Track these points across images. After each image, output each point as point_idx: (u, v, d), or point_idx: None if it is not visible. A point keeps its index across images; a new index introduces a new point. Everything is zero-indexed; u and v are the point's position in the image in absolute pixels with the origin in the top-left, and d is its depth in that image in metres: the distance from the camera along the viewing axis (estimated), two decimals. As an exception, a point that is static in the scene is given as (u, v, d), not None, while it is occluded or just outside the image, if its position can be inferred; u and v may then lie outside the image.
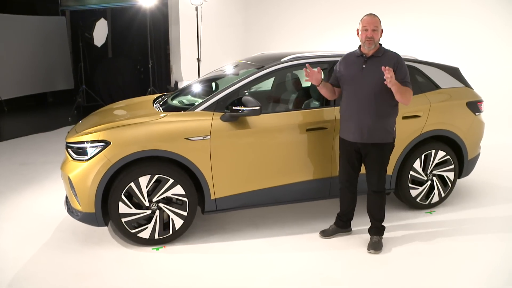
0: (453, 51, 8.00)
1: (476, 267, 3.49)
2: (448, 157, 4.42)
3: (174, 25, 9.95)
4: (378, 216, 3.76)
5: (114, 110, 4.59)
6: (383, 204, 3.74)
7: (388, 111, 3.56)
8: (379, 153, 3.59)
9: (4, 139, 7.74)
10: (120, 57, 11.19)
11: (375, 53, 3.54)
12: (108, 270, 3.46)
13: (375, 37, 3.48)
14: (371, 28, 3.46)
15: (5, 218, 4.41)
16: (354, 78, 3.56)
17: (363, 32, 3.50)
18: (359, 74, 3.54)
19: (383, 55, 3.54)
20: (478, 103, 4.63)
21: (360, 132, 3.55)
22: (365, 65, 3.54)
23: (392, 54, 3.57)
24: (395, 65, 3.46)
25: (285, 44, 10.43)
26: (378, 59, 3.52)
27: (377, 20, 3.51)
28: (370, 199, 3.75)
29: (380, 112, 3.51)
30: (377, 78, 3.42)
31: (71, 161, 3.73)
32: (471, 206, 4.63)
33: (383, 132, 3.55)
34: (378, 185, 3.67)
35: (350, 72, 3.60)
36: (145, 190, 3.66)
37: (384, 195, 3.74)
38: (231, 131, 3.76)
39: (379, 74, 3.39)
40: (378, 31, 3.48)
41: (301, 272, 3.41)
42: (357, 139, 3.58)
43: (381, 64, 3.42)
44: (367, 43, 3.49)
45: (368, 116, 3.51)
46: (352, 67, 3.60)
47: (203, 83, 4.75)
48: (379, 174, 3.64)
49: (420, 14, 8.49)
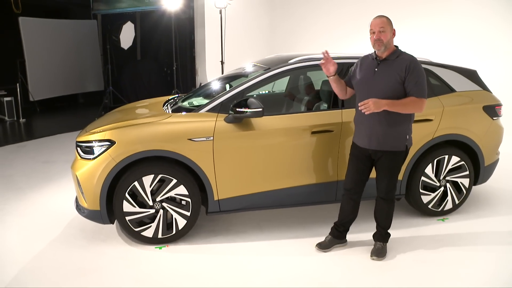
0: (473, 54, 7.74)
1: (481, 279, 3.34)
2: (462, 162, 4.27)
3: (200, 28, 10.08)
4: (383, 223, 3.65)
5: (127, 110, 4.69)
6: (391, 212, 3.62)
7: (400, 118, 3.37)
8: (390, 161, 3.46)
9: (32, 138, 8.05)
10: (148, 59, 11.45)
11: (389, 56, 3.38)
12: (109, 267, 3.53)
13: (383, 38, 3.31)
14: (377, 29, 3.33)
15: (21, 214, 4.57)
16: (366, 81, 3.43)
17: (371, 35, 3.38)
18: (371, 78, 3.41)
19: (397, 58, 3.36)
20: (496, 107, 4.45)
21: (370, 138, 3.43)
22: (377, 69, 3.40)
23: (406, 57, 3.37)
24: (406, 69, 3.28)
25: (311, 46, 10.36)
26: (390, 62, 3.37)
27: (384, 21, 3.35)
28: (378, 205, 3.63)
29: (391, 119, 3.36)
30: (388, 82, 3.32)
31: (79, 160, 3.83)
32: (487, 214, 4.45)
33: (394, 140, 3.41)
34: (386, 192, 3.54)
35: (362, 75, 3.47)
36: (149, 189, 3.71)
37: (392, 204, 3.60)
38: (234, 132, 3.76)
39: (390, 78, 3.30)
40: (386, 31, 3.32)
41: (300, 276, 3.37)
42: (366, 145, 3.47)
43: (393, 68, 3.32)
44: (376, 45, 3.36)
45: (378, 123, 3.38)
46: (366, 70, 3.48)
47: (214, 85, 4.78)
48: (388, 182, 3.50)
49: (435, 17, 8.26)
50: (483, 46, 7.75)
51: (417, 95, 3.29)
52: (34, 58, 10.33)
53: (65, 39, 11.13)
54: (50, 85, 10.86)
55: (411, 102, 3.30)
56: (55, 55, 10.89)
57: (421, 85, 3.31)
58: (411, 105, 3.30)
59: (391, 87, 3.31)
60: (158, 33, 10.82)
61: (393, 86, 3.31)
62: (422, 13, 8.36)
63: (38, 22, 10.48)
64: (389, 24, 3.36)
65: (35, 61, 10.36)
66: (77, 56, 11.43)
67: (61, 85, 11.22)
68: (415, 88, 3.29)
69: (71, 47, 11.23)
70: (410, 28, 8.38)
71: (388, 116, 3.34)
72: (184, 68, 10.70)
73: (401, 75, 3.30)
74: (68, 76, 11.30)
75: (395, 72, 3.32)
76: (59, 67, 11.03)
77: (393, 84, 3.31)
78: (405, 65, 3.31)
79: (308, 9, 10.56)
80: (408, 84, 3.30)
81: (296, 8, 10.69)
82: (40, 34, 10.48)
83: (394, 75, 3.31)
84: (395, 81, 3.31)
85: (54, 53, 10.85)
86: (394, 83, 3.31)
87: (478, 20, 7.75)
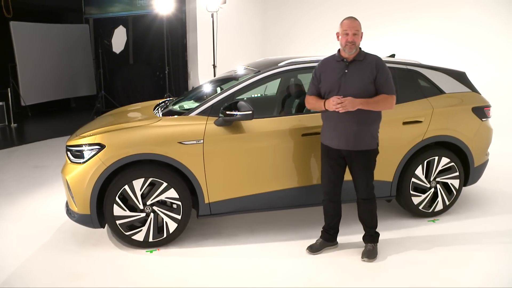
0: (462, 56, 7.80)
1: (472, 280, 3.36)
2: (452, 164, 4.30)
3: (192, 31, 10.09)
4: (371, 224, 3.67)
5: (118, 113, 4.69)
6: (374, 211, 3.65)
7: (373, 117, 3.46)
8: (365, 160, 3.50)
9: (24, 143, 8.01)
10: (140, 63, 11.44)
11: (356, 57, 3.43)
12: (100, 271, 3.52)
13: (356, 41, 3.38)
14: (352, 32, 3.36)
15: (11, 218, 4.55)
16: (337, 83, 3.42)
17: (344, 36, 3.39)
18: (342, 79, 3.42)
19: (364, 58, 3.44)
20: (485, 108, 4.49)
21: (346, 139, 3.44)
22: (347, 70, 3.42)
23: (372, 57, 3.47)
24: (376, 68, 3.38)
25: (303, 49, 10.39)
26: (360, 63, 3.43)
27: (358, 24, 3.40)
28: (361, 207, 3.65)
29: (365, 118, 3.41)
30: (361, 82, 3.38)
31: (69, 164, 3.83)
32: (477, 215, 4.48)
33: (369, 139, 3.47)
34: (366, 192, 3.57)
35: (331, 78, 3.46)
36: (139, 193, 3.71)
37: (374, 202, 3.63)
38: (224, 135, 3.77)
39: (362, 78, 3.37)
40: (358, 35, 3.38)
41: (291, 279, 3.38)
42: (342, 146, 3.47)
43: (363, 68, 3.39)
44: (347, 47, 3.39)
45: (353, 123, 3.40)
46: (333, 72, 3.47)
47: (205, 88, 4.78)
48: (367, 181, 3.54)
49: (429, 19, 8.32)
50: (472, 48, 7.81)
51: (387, 92, 3.40)
52: (26, 63, 10.29)
53: (57, 44, 11.10)
54: (41, 89, 10.82)
55: (383, 99, 3.39)
56: (47, 59, 10.86)
57: (390, 82, 3.43)
58: (383, 102, 3.39)
59: (364, 86, 3.38)
60: (150, 37, 10.82)
61: (366, 86, 3.38)
62: (412, 15, 8.42)
63: (30, 27, 10.45)
64: (361, 27, 3.44)
65: (27, 66, 10.32)
66: (69, 61, 11.40)
67: (53, 89, 11.18)
68: (385, 85, 3.40)
69: (63, 52, 11.20)
70: (400, 30, 8.45)
71: (362, 115, 3.39)
72: (176, 72, 10.71)
73: (372, 74, 3.38)
74: (60, 81, 11.26)
75: (366, 71, 3.39)
76: (51, 72, 10.99)
77: (366, 84, 3.38)
78: (374, 64, 3.41)
79: (300, 13, 10.61)
80: (379, 82, 3.39)
81: (288, 12, 10.73)
82: (32, 39, 10.44)
83: (366, 75, 3.39)
84: (367, 80, 3.38)
85: (45, 58, 10.82)
86: (367, 82, 3.38)
87: (469, 22, 7.82)
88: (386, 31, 8.51)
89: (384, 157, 4.10)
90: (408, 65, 4.36)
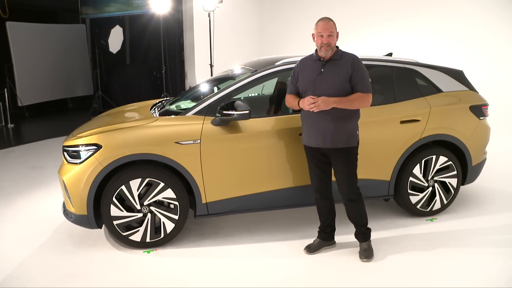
0: (459, 54, 7.81)
1: (471, 278, 3.36)
2: (450, 163, 4.29)
3: (188, 31, 10.08)
4: (360, 222, 3.64)
5: (114, 114, 4.68)
6: (363, 209, 3.61)
7: (349, 114, 3.44)
8: (345, 159, 3.48)
9: (21, 143, 7.99)
10: (137, 63, 11.41)
11: (333, 56, 3.45)
12: (98, 271, 3.51)
13: (331, 42, 3.39)
14: (326, 34, 3.37)
15: (8, 219, 4.53)
16: (313, 82, 3.44)
17: (319, 38, 3.41)
18: (318, 78, 3.44)
19: (340, 57, 3.45)
20: (483, 107, 4.49)
21: (323, 137, 3.44)
22: (323, 69, 3.44)
23: (349, 56, 3.47)
24: (352, 66, 3.39)
25: (299, 49, 10.38)
26: (336, 62, 3.44)
27: (332, 25, 3.42)
28: (348, 208, 3.62)
29: (341, 116, 3.40)
30: (336, 81, 3.39)
31: (66, 165, 3.81)
32: (475, 214, 4.48)
33: (347, 136, 3.44)
34: (351, 193, 3.54)
35: (308, 77, 3.49)
36: (136, 193, 3.69)
37: (361, 200, 3.59)
38: (221, 135, 3.75)
39: (338, 76, 3.38)
40: (333, 36, 3.39)
41: (289, 278, 3.37)
42: (320, 145, 3.47)
43: (339, 67, 3.40)
44: (323, 49, 3.40)
45: (329, 121, 3.40)
46: (310, 71, 3.50)
47: (202, 88, 4.77)
48: (349, 181, 3.51)
49: (426, 17, 8.33)
50: (470, 46, 7.83)
51: (363, 90, 3.40)
52: (22, 63, 10.25)
53: (54, 44, 11.06)
54: (38, 90, 10.79)
55: (359, 98, 3.39)
56: (44, 59, 10.82)
57: (366, 81, 3.43)
58: (358, 100, 3.39)
59: (339, 85, 3.38)
60: (147, 37, 10.80)
61: (341, 85, 3.38)
62: (409, 14, 8.42)
63: (26, 27, 10.41)
64: (335, 28, 3.45)
65: (23, 66, 10.28)
66: (66, 61, 11.36)
67: (50, 90, 11.14)
68: (361, 83, 3.40)
69: (59, 52, 11.17)
70: (397, 29, 8.44)
71: (338, 113, 3.39)
72: (173, 72, 10.68)
73: (348, 73, 3.38)
74: (57, 81, 11.23)
75: (342, 70, 3.40)
76: (48, 72, 10.96)
77: (341, 82, 3.38)
78: (349, 62, 3.42)
79: (296, 12, 10.60)
80: (354, 80, 3.39)
81: (285, 11, 10.73)
82: (28, 39, 10.41)
83: (342, 74, 3.39)
84: (343, 79, 3.38)
85: (42, 58, 10.78)
86: (342, 81, 3.38)
87: (466, 21, 7.84)
88: (383, 30, 8.51)
89: (381, 156, 4.11)
90: (405, 63, 4.36)
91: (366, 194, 3.82)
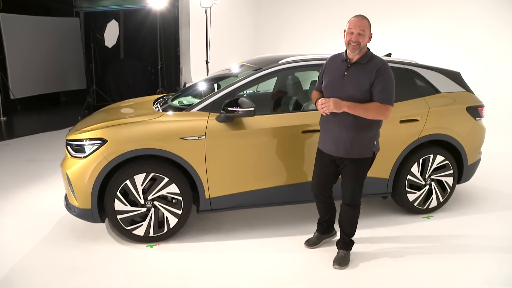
0: (456, 56, 7.94)
1: (467, 275, 3.45)
2: (446, 162, 4.39)
3: (185, 27, 10.07)
4: (347, 230, 3.54)
5: (116, 109, 4.68)
6: (356, 219, 3.52)
7: (368, 123, 3.22)
8: (356, 168, 3.33)
9: (15, 136, 7.93)
10: (131, 58, 11.36)
11: (360, 59, 3.21)
12: (101, 265, 3.53)
13: (361, 42, 3.14)
14: (357, 31, 3.14)
15: (8, 213, 4.52)
16: (335, 85, 3.25)
17: (348, 34, 3.17)
18: (340, 81, 3.23)
19: (368, 62, 3.19)
20: (479, 108, 4.59)
21: (336, 145, 3.30)
22: (347, 72, 3.22)
23: (377, 61, 3.20)
24: (375, 74, 3.13)
25: (295, 46, 10.45)
26: (361, 66, 3.20)
27: (366, 24, 3.16)
28: (343, 211, 3.51)
29: (359, 126, 3.21)
30: (357, 88, 3.16)
31: (69, 158, 3.81)
32: (470, 212, 4.59)
33: (362, 147, 3.27)
34: (351, 198, 3.42)
35: (331, 78, 3.29)
36: (141, 188, 3.72)
37: (357, 210, 3.48)
38: (226, 131, 3.80)
39: (360, 83, 3.16)
40: (365, 35, 3.15)
41: (290, 274, 3.43)
42: (332, 152, 3.35)
43: (364, 72, 3.17)
44: (350, 47, 3.17)
45: (345, 130, 3.22)
46: (335, 72, 3.29)
47: (204, 84, 4.80)
48: (353, 188, 3.38)
49: (425, 19, 8.45)
50: (467, 49, 7.95)
51: (382, 101, 3.13)
52: (15, 56, 10.14)
53: (47, 37, 10.95)
54: (31, 83, 10.68)
55: (375, 107, 3.13)
56: (37, 52, 10.71)
57: (388, 91, 3.14)
58: (374, 110, 3.13)
59: (360, 92, 3.16)
60: (143, 32, 10.76)
61: (361, 95, 3.16)
62: (408, 15, 8.54)
63: (19, 19, 10.29)
64: (369, 28, 3.20)
65: (16, 59, 10.17)
66: (59, 54, 11.26)
67: (43, 83, 11.04)
68: (382, 93, 3.13)
69: (53, 45, 11.06)
70: (395, 29, 8.54)
71: (355, 121, 3.19)
72: (168, 68, 10.68)
73: (370, 80, 3.15)
74: (50, 74, 11.12)
75: (365, 76, 3.16)
76: (41, 65, 10.85)
77: (361, 92, 3.16)
78: (374, 69, 3.15)
79: (293, 10, 10.66)
80: (375, 89, 3.14)
81: (281, 9, 10.78)
82: (21, 31, 10.30)
83: (363, 80, 3.16)
84: (364, 88, 3.16)
85: (35, 51, 10.67)
86: (363, 90, 3.16)
87: (464, 23, 7.96)
88: (382, 30, 8.58)
89: (381, 154, 4.16)
90: (405, 64, 4.44)
91: (365, 191, 3.86)
